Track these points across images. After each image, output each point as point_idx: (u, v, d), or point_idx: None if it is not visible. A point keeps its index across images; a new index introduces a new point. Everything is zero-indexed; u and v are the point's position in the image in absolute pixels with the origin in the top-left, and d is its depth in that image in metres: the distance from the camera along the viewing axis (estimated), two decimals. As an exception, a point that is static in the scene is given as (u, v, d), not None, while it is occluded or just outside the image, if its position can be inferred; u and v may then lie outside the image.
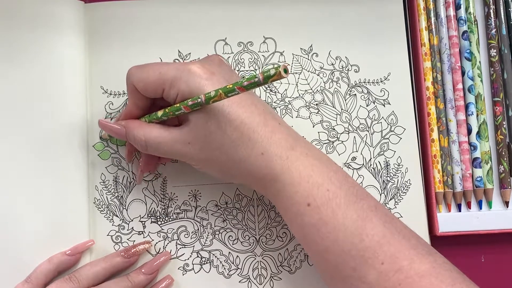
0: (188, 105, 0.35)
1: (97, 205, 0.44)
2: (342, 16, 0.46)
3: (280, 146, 0.36)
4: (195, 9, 0.47)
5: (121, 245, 0.44)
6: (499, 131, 0.46)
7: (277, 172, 0.35)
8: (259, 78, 0.31)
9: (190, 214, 0.44)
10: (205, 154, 0.37)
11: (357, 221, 0.34)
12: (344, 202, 0.35)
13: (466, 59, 0.46)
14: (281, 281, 0.43)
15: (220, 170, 0.38)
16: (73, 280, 0.40)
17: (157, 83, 0.37)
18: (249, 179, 0.37)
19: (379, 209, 0.36)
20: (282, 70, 0.29)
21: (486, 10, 0.47)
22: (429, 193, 0.44)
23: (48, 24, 0.45)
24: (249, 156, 0.36)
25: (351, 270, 0.34)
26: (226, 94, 0.33)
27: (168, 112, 0.37)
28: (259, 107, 0.37)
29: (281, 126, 0.37)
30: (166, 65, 0.37)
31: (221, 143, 0.36)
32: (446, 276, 0.33)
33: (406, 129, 0.45)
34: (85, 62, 0.45)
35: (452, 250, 0.45)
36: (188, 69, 0.36)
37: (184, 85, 0.36)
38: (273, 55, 0.46)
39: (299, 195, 0.35)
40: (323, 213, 0.34)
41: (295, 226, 0.36)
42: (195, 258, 0.44)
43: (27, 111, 0.43)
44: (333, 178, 0.36)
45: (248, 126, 0.36)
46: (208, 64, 0.37)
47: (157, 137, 0.37)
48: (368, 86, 0.46)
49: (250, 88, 0.32)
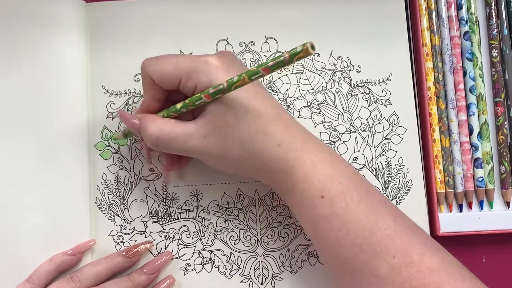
0: (209, 93, 0.35)
1: (99, 205, 0.44)
2: (344, 16, 0.46)
3: (295, 139, 0.36)
4: (196, 9, 0.46)
5: (122, 245, 0.43)
6: (501, 131, 0.46)
7: (292, 164, 0.35)
8: (285, 57, 0.30)
9: (192, 214, 0.44)
10: (220, 148, 0.36)
11: (369, 215, 0.34)
12: (356, 196, 0.35)
13: (467, 60, 0.46)
14: (282, 281, 0.43)
15: (233, 165, 0.37)
16: (75, 280, 0.40)
17: (173, 73, 0.36)
18: (262, 173, 0.37)
19: (388, 204, 0.36)
20: (310, 46, 0.28)
21: (487, 11, 0.47)
22: (430, 193, 0.44)
23: (49, 23, 0.44)
24: (266, 148, 0.35)
25: (362, 264, 0.33)
26: (249, 77, 0.32)
27: (188, 103, 0.36)
28: (273, 101, 0.37)
29: (293, 120, 0.38)
30: (182, 56, 0.37)
31: (238, 136, 0.35)
32: (455, 272, 0.33)
33: (407, 130, 0.45)
34: (86, 62, 0.45)
35: (453, 250, 0.44)
36: (205, 60, 0.36)
37: (203, 76, 0.35)
38: (274, 55, 0.46)
39: (314, 187, 0.35)
40: (336, 206, 0.34)
41: (306, 219, 0.36)
42: (196, 258, 0.44)
43: (28, 110, 0.43)
44: (344, 172, 0.36)
45: (265, 118, 0.35)
46: (224, 57, 0.37)
47: (170, 132, 0.36)
48: (369, 86, 0.46)
49: (275, 69, 0.31)
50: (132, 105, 0.45)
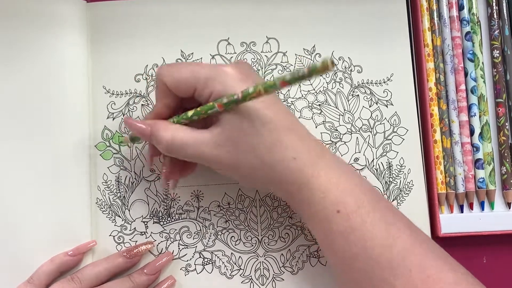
0: (222, 103, 0.34)
1: (99, 205, 0.44)
2: (345, 16, 0.46)
3: (311, 152, 0.36)
4: (197, 9, 0.46)
5: (123, 246, 0.43)
6: (502, 132, 0.46)
7: (308, 177, 0.35)
8: (303, 71, 0.30)
9: (193, 214, 0.44)
10: (234, 158, 0.36)
11: (385, 229, 0.34)
12: (372, 210, 0.34)
13: (469, 60, 0.46)
14: (283, 282, 0.43)
15: (246, 175, 0.37)
16: (75, 280, 0.40)
17: (189, 81, 0.36)
18: (276, 184, 0.36)
19: (404, 219, 0.36)
20: (330, 62, 0.28)
21: (489, 11, 0.47)
22: (431, 194, 0.44)
23: (50, 23, 0.44)
24: (282, 161, 0.35)
25: (378, 278, 0.33)
26: (265, 89, 0.32)
27: (200, 111, 0.36)
28: (288, 113, 0.37)
29: (309, 133, 0.37)
30: (198, 65, 0.37)
31: (254, 146, 0.35)
32: (470, 287, 0.33)
33: (408, 130, 0.45)
34: (87, 62, 0.45)
35: (454, 251, 0.45)
36: (222, 70, 0.35)
37: (220, 85, 0.35)
38: (276, 55, 0.46)
39: (329, 202, 0.35)
40: (352, 220, 0.34)
41: (321, 233, 0.36)
42: (197, 259, 0.43)
43: (28, 111, 0.43)
44: (360, 186, 0.36)
45: (282, 130, 0.35)
46: (241, 67, 0.36)
47: (183, 138, 0.36)
48: (371, 86, 0.46)
49: (293, 83, 0.31)
50: (133, 105, 0.45)
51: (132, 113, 0.45)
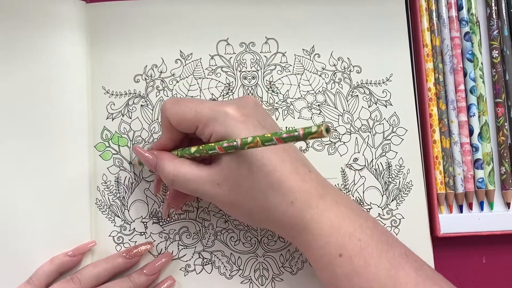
0: (223, 147, 0.35)
1: (99, 205, 0.44)
2: (344, 16, 0.46)
3: (311, 195, 0.35)
4: (197, 9, 0.46)
5: (122, 246, 0.43)
6: (501, 132, 0.46)
7: (307, 222, 0.35)
8: (299, 133, 0.30)
9: (192, 215, 0.44)
10: (233, 197, 0.36)
11: (390, 270, 0.33)
12: (376, 251, 0.34)
13: (468, 60, 0.46)
14: (282, 282, 0.43)
15: (247, 215, 0.37)
16: (75, 281, 0.40)
17: (192, 120, 0.36)
18: (277, 227, 0.36)
19: (410, 255, 0.35)
20: (324, 129, 0.28)
21: (488, 11, 0.47)
22: (430, 194, 0.44)
23: (49, 24, 0.44)
24: (280, 205, 0.35)
25: None
26: (263, 142, 0.32)
27: (202, 150, 0.36)
28: (291, 153, 0.36)
29: (311, 173, 0.36)
30: (202, 104, 0.37)
31: (251, 188, 0.35)
32: None
33: (408, 130, 0.45)
34: (86, 62, 0.45)
35: (453, 251, 0.45)
36: (224, 111, 0.35)
37: (220, 126, 0.35)
38: (275, 55, 0.46)
39: (331, 246, 0.34)
40: (356, 264, 0.34)
41: (325, 276, 0.35)
42: (196, 259, 0.44)
43: (28, 111, 0.43)
44: (364, 227, 0.35)
45: (280, 173, 0.35)
46: (243, 106, 0.36)
47: (186, 174, 0.37)
48: (370, 87, 0.46)
49: (288, 141, 0.31)
50: (132, 106, 0.45)
51: (131, 114, 0.45)
